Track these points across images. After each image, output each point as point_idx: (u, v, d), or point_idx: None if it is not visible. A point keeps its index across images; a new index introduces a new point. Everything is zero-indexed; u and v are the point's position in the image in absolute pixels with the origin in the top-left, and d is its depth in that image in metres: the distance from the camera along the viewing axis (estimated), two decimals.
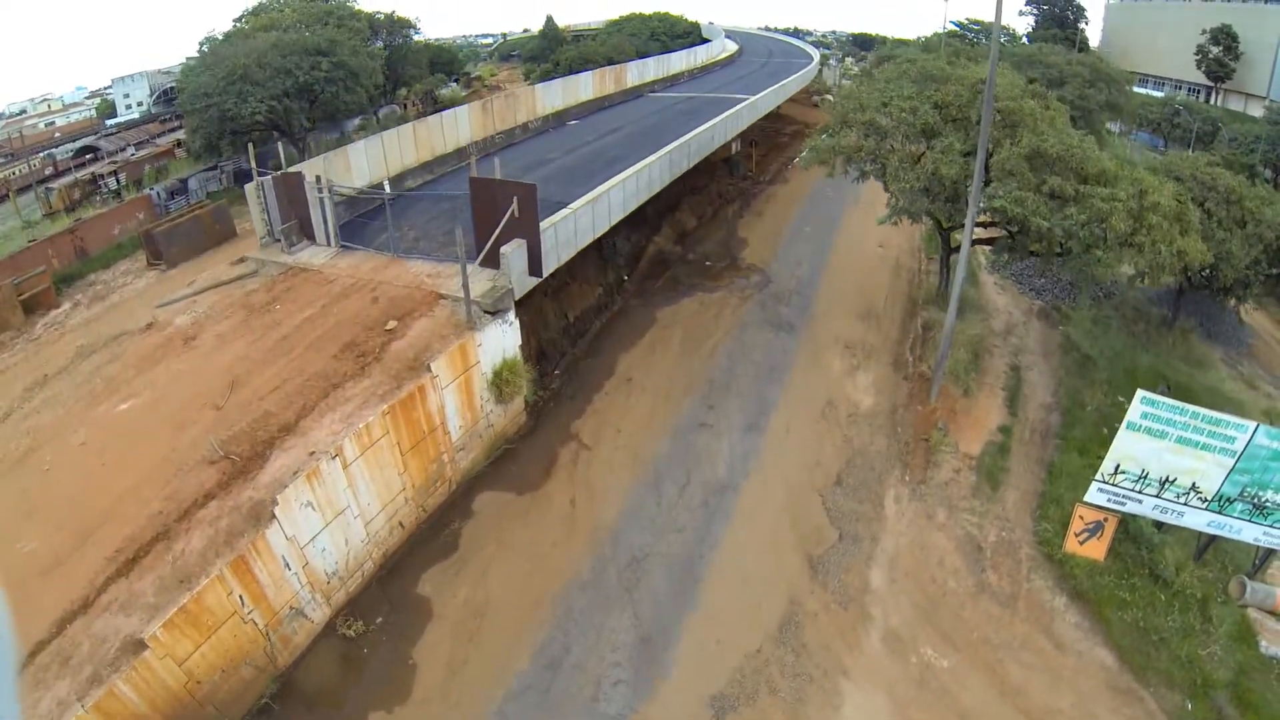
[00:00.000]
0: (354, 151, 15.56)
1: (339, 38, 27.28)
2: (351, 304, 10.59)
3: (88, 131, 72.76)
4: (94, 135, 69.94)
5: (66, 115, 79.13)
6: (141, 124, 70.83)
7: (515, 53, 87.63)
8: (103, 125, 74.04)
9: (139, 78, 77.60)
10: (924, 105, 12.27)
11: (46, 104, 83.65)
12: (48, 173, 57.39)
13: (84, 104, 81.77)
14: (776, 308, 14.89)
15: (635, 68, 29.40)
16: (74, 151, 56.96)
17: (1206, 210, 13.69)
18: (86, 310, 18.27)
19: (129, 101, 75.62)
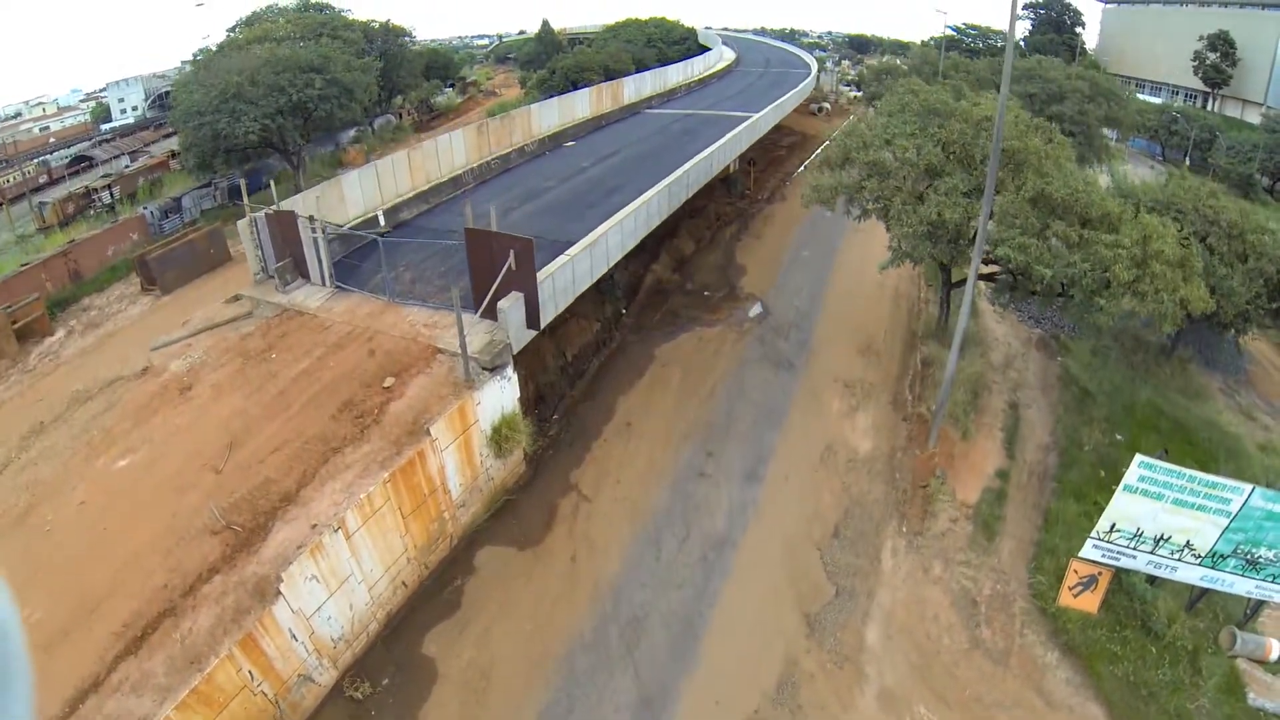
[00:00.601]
0: (348, 182, 15.49)
1: (332, 54, 27.07)
2: (348, 356, 10.59)
3: (82, 136, 72.42)
4: (89, 141, 69.58)
5: (61, 120, 78.61)
6: (136, 130, 70.49)
7: (511, 55, 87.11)
8: (97, 130, 73.61)
9: (134, 82, 77.11)
10: (928, 143, 12.19)
11: (41, 107, 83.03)
12: (42, 180, 57.01)
13: (79, 108, 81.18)
14: (775, 343, 14.93)
15: (632, 83, 29.27)
16: (69, 160, 56.59)
17: (1209, 246, 13.73)
18: (81, 339, 18.22)
19: (124, 106, 75.14)
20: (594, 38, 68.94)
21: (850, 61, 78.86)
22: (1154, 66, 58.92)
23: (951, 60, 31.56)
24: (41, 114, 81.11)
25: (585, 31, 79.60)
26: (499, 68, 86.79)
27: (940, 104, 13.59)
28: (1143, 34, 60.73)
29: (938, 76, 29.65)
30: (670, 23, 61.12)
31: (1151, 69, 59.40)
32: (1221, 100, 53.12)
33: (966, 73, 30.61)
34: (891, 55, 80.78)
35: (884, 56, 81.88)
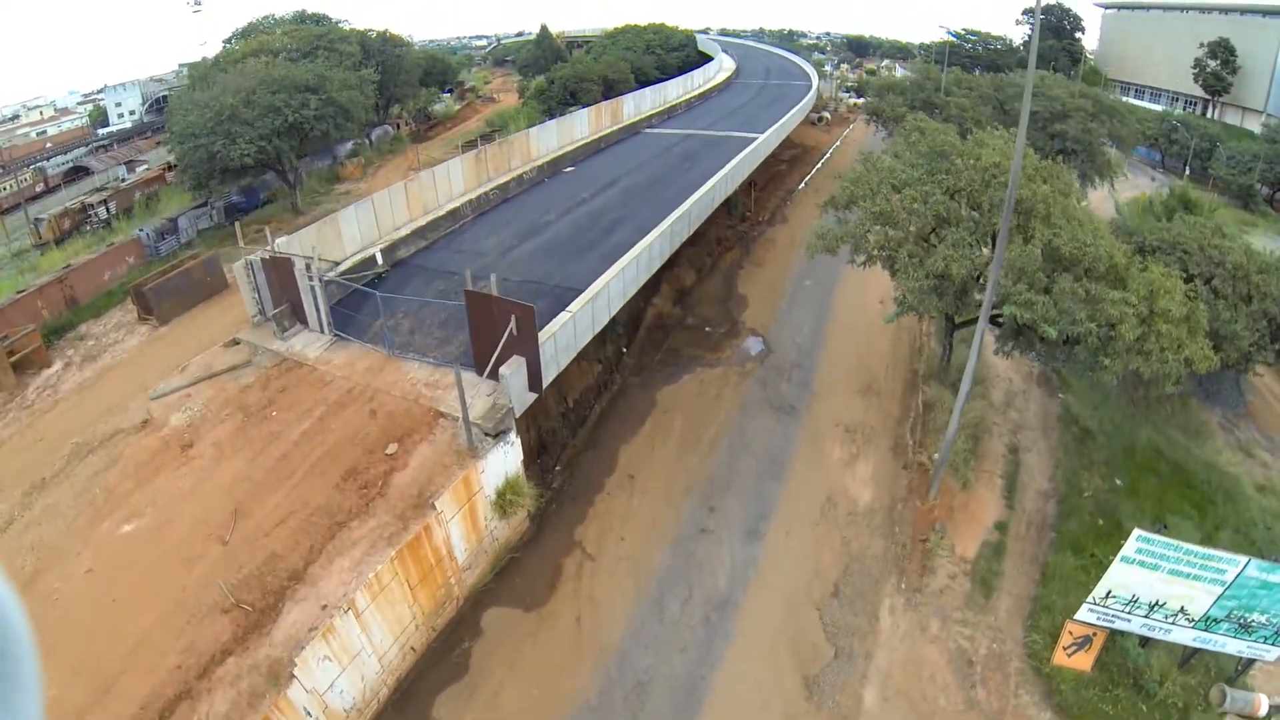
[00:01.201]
0: (344, 219, 15.43)
1: (328, 73, 26.87)
2: (350, 417, 10.65)
3: (79, 141, 71.92)
4: (85, 147, 69.01)
5: (58, 124, 78.11)
6: (133, 136, 70.00)
7: (509, 58, 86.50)
8: (94, 135, 73.11)
9: (131, 86, 76.66)
10: (936, 190, 12.07)
11: (39, 111, 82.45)
12: (39, 189, 56.65)
13: (76, 111, 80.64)
14: (777, 384, 15.01)
15: (631, 101, 29.16)
16: (65, 168, 56.23)
17: (1213, 289, 13.78)
18: (79, 372, 18.11)
19: (121, 110, 74.78)
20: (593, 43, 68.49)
21: (849, 65, 78.47)
22: (1153, 73, 58.70)
23: (953, 75, 31.38)
24: (39, 117, 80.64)
25: (584, 36, 79.05)
26: (497, 71, 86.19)
27: (947, 145, 13.45)
28: (1142, 39, 60.46)
29: (939, 92, 29.54)
30: (669, 29, 60.71)
31: (1151, 75, 59.18)
32: (1221, 107, 52.98)
33: (969, 89, 30.46)
34: (890, 60, 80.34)
35: (883, 61, 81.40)
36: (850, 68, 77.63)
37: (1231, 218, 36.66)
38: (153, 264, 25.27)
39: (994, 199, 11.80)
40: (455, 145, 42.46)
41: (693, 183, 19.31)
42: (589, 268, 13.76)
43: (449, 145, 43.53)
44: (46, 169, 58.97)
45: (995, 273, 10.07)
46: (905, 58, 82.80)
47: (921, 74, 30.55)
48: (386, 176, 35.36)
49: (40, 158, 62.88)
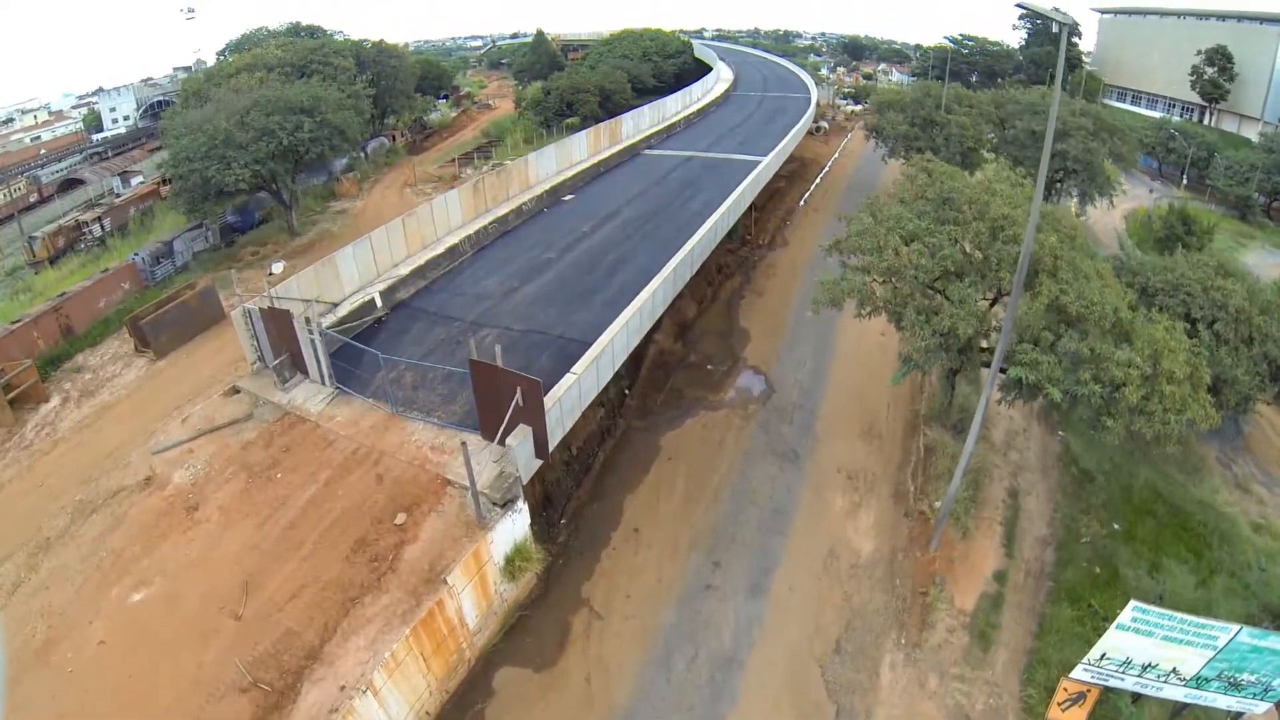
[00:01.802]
0: (342, 258, 15.34)
1: (323, 93, 26.61)
2: (356, 483, 10.73)
3: (74, 146, 71.24)
4: (79, 154, 68.36)
5: (52, 129, 77.32)
6: (128, 143, 69.43)
7: (504, 60, 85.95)
8: (89, 140, 72.44)
9: (125, 91, 76.03)
10: (944, 243, 12.01)
11: (34, 115, 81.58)
12: (33, 199, 56.14)
13: (71, 115, 79.84)
14: (780, 428, 15.16)
15: (630, 120, 29.08)
16: (59, 178, 55.73)
17: (1215, 333, 13.93)
18: (77, 409, 17.95)
19: (115, 115, 74.18)
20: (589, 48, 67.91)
21: (845, 68, 78.16)
22: (1150, 79, 58.69)
23: (954, 92, 31.31)
24: (33, 122, 79.79)
25: (580, 39, 78.48)
26: (492, 74, 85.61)
27: (955, 190, 13.39)
28: (1139, 45, 60.38)
29: (940, 110, 29.51)
30: (666, 35, 60.37)
31: (1148, 81, 59.18)
32: (1218, 114, 53.05)
33: (969, 106, 30.44)
34: (887, 64, 79.93)
35: (879, 65, 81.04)
36: (846, 71, 77.32)
37: (1229, 229, 36.94)
38: (149, 290, 25.14)
39: (1001, 253, 11.86)
40: (451, 158, 42.31)
41: (695, 214, 19.35)
42: (592, 316, 13.83)
43: (445, 157, 43.35)
44: (41, 178, 58.47)
45: (1005, 335, 10.18)
46: (902, 61, 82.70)
47: (922, 91, 30.51)
48: (382, 193, 35.23)
49: (34, 165, 62.30)
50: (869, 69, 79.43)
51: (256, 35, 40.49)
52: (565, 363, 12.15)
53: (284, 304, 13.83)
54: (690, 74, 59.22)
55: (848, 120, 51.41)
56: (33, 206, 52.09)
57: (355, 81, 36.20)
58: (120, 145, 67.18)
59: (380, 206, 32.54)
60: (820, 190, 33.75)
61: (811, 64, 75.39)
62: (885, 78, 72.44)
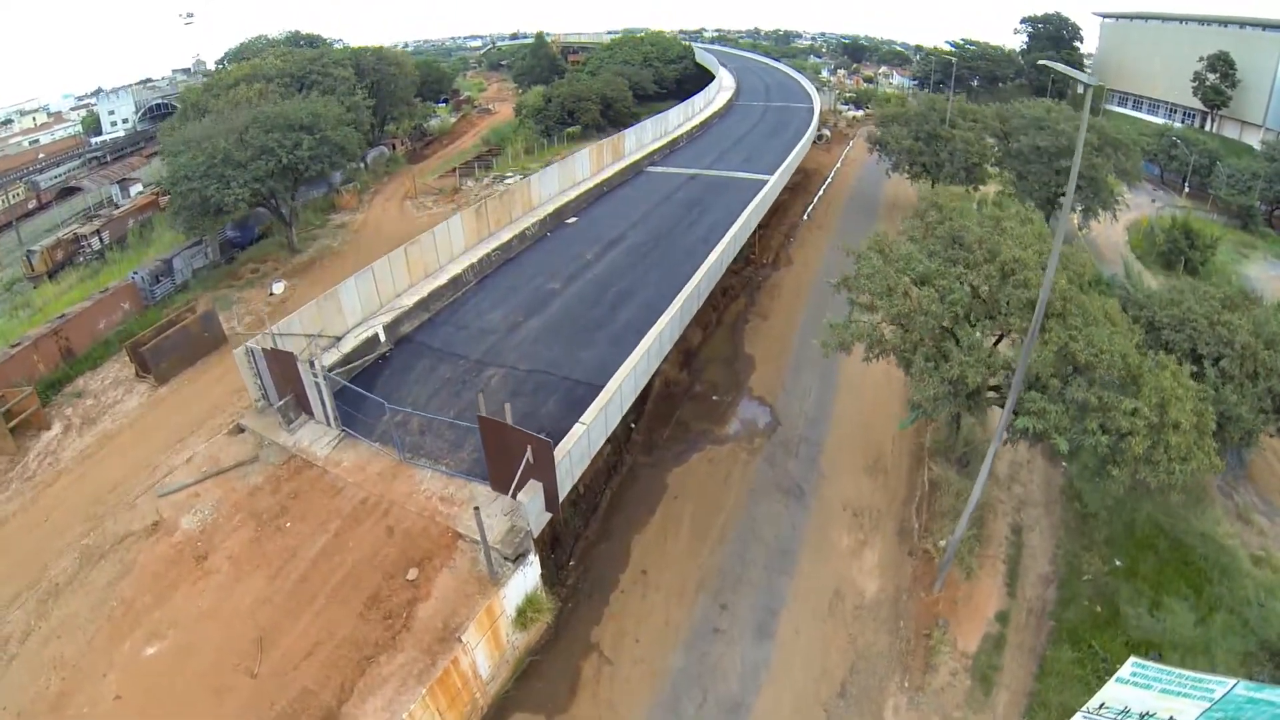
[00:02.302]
0: (345, 291, 15.30)
1: (322, 110, 26.37)
2: (366, 534, 10.79)
3: (72, 150, 70.83)
4: (78, 158, 67.90)
5: (51, 132, 76.83)
6: (126, 148, 69.01)
7: (504, 62, 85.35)
8: (87, 144, 71.99)
9: (124, 94, 75.61)
10: (954, 287, 11.97)
11: (32, 118, 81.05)
12: (31, 206, 55.77)
13: (69, 119, 79.33)
14: (785, 463, 15.24)
15: (633, 135, 28.97)
16: (57, 183, 55.40)
17: (1221, 369, 13.99)
18: (79, 437, 17.80)
19: (114, 118, 73.77)
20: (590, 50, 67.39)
21: (846, 71, 77.69)
22: (1152, 84, 58.51)
23: (959, 106, 31.18)
24: (32, 125, 79.24)
25: (580, 42, 77.93)
26: (492, 75, 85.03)
27: (965, 231, 13.20)
28: (1141, 50, 60.12)
29: (944, 124, 29.41)
30: (667, 40, 60.00)
31: (1150, 86, 59.00)
32: (1220, 121, 52.95)
33: (974, 120, 30.34)
34: (888, 67, 79.45)
35: (880, 68, 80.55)
36: (847, 74, 76.90)
37: (1231, 239, 36.94)
38: (149, 309, 24.98)
39: (1011, 296, 11.86)
40: (452, 167, 42.08)
41: (700, 240, 19.33)
42: (599, 355, 13.85)
43: (446, 166, 43.12)
44: (39, 183, 58.10)
45: (1017, 386, 10.23)
46: (903, 63, 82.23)
47: (926, 105, 30.40)
48: (383, 206, 35.07)
49: (32, 170, 61.86)
50: (870, 72, 79.05)
51: (255, 44, 40.15)
52: (572, 407, 12.19)
53: (287, 340, 13.85)
54: (691, 79, 58.97)
55: (849, 127, 51.22)
56: (31, 214, 51.74)
57: (355, 92, 36.00)
58: (119, 150, 66.74)
59: (380, 220, 32.45)
60: (823, 203, 33.70)
61: (812, 65, 75.02)
62: (886, 81, 72.13)
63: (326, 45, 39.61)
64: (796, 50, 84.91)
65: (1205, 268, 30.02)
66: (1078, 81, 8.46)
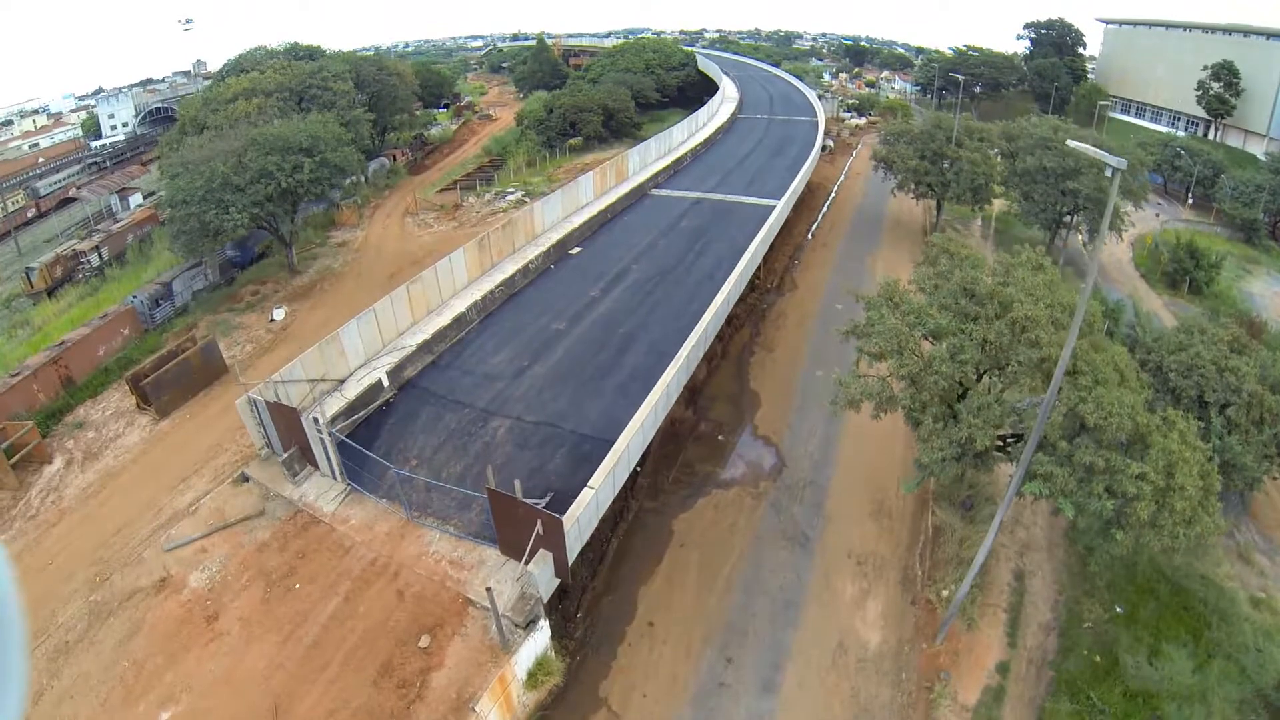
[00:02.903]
0: (346, 334, 15.24)
1: (322, 132, 26.08)
2: (377, 598, 10.87)
3: (72, 154, 70.55)
4: (78, 164, 67.64)
5: (51, 136, 76.48)
6: (126, 153, 68.71)
7: (505, 64, 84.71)
8: (87, 147, 71.68)
9: (124, 97, 75.26)
10: (966, 346, 11.89)
11: (32, 120, 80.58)
12: (30, 214, 55.55)
13: (69, 121, 78.93)
14: (790, 508, 15.32)
15: (637, 155, 28.85)
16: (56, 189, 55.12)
17: (1227, 418, 14.05)
18: (81, 473, 17.73)
19: (114, 122, 73.47)
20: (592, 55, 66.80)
21: (847, 75, 77.08)
22: (1155, 91, 58.24)
23: (965, 124, 30.98)
24: (33, 127, 78.80)
25: (581, 46, 77.34)
26: (493, 78, 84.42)
27: (977, 281, 13.10)
28: (1144, 56, 59.77)
29: (950, 143, 29.23)
30: (669, 47, 59.57)
31: (1153, 93, 58.72)
32: (1224, 129, 52.76)
33: (980, 139, 30.14)
34: (890, 71, 79.00)
35: (883, 72, 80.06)
36: (849, 78, 76.38)
37: (1235, 253, 36.88)
38: (149, 334, 24.88)
39: (1022, 357, 11.86)
40: (453, 179, 41.86)
41: (706, 276, 19.33)
42: (606, 407, 13.89)
43: (447, 178, 42.89)
44: (38, 190, 57.83)
45: (1028, 454, 10.28)
46: (904, 67, 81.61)
47: (932, 123, 30.23)
48: (384, 222, 34.89)
49: (32, 176, 61.53)
50: (872, 76, 78.56)
51: (255, 55, 39.80)
52: (579, 463, 12.25)
53: (289, 387, 13.87)
54: (693, 86, 58.62)
55: (853, 135, 50.98)
56: (30, 222, 51.48)
57: (354, 106, 35.77)
58: (119, 156, 66.40)
59: (382, 238, 32.31)
60: (828, 220, 33.61)
61: (813, 69, 74.48)
62: (888, 86, 71.64)
63: (326, 57, 39.22)
64: (798, 52, 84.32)
65: (1210, 288, 30.07)
66: (1106, 163, 8.42)
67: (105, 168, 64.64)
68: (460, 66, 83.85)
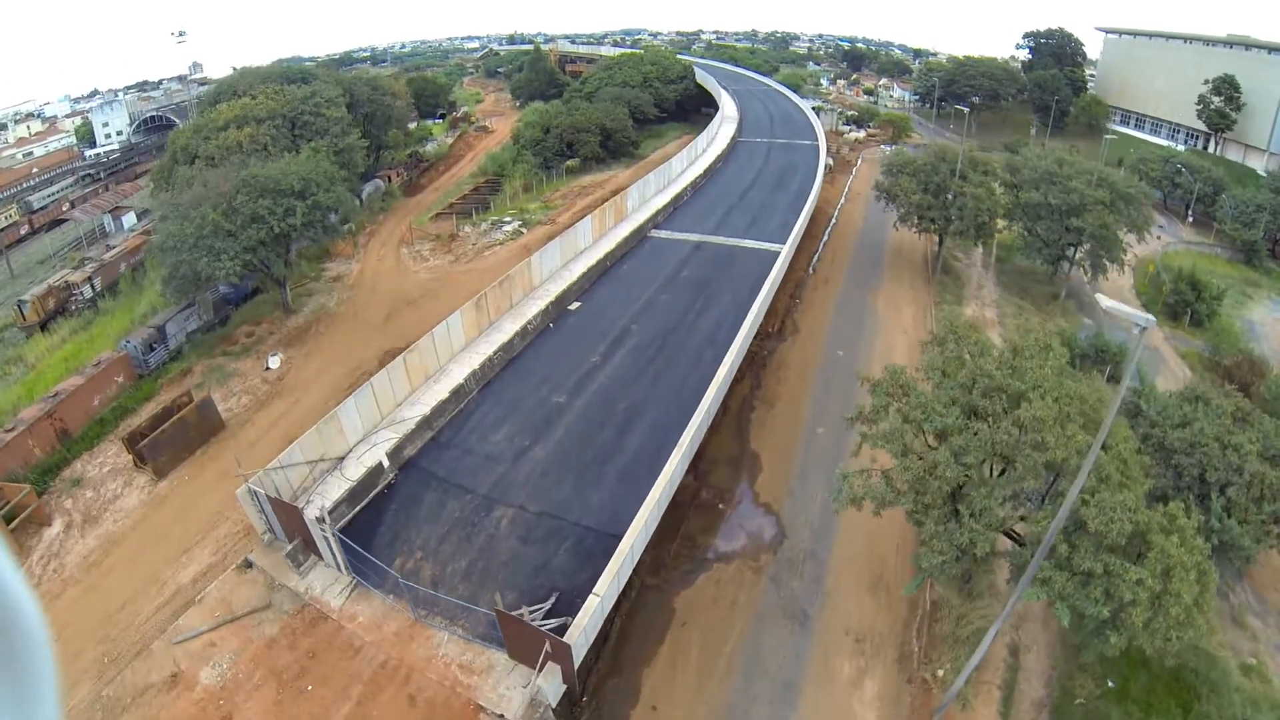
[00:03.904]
0: (345, 412, 15.18)
1: (314, 174, 25.49)
2: (389, 703, 10.96)
3: (66, 163, 69.66)
4: (71, 175, 66.82)
5: (45, 145, 75.53)
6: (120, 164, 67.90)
7: (501, 69, 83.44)
8: (81, 157, 70.87)
9: (119, 105, 74.35)
10: (973, 446, 11.90)
11: (27, 126, 79.43)
12: (24, 231, 54.89)
13: (63, 129, 77.84)
14: (790, 582, 15.47)
15: (636, 191, 28.62)
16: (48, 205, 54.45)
17: (1228, 498, 14.20)
18: (81, 538, 17.63)
19: (108, 130, 72.61)
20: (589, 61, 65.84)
21: (845, 81, 76.08)
22: (1155, 103, 57.91)
23: (969, 155, 30.73)
24: (27, 133, 77.67)
25: (579, 52, 76.20)
26: (489, 83, 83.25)
27: (985, 374, 12.96)
28: (1144, 67, 59.34)
29: (955, 176, 29.05)
30: (667, 58, 58.83)
31: (1152, 105, 58.39)
32: (1224, 143, 52.60)
33: (984, 172, 29.93)
34: (889, 79, 78.08)
35: (880, 80, 79.07)
36: (847, 84, 75.51)
37: (1235, 276, 36.93)
38: (143, 380, 24.51)
39: (1027, 461, 11.88)
40: (449, 202, 41.46)
41: (708, 339, 19.30)
42: (609, 497, 13.96)
43: (443, 200, 42.50)
44: (31, 204, 57.09)
45: (1035, 563, 10.36)
46: (903, 74, 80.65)
47: (936, 155, 30.00)
48: (379, 253, 34.53)
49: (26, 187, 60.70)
50: (870, 83, 77.70)
51: (246, 77, 39.12)
52: (583, 560, 12.33)
53: (290, 471, 13.89)
54: (692, 99, 57.98)
55: (852, 150, 50.61)
56: (23, 239, 50.76)
57: (348, 133, 35.30)
58: (113, 167, 65.43)
59: (377, 272, 31.99)
60: (829, 250, 33.46)
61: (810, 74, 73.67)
62: (887, 94, 70.90)
63: (319, 80, 38.57)
64: (795, 56, 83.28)
65: (1211, 320, 30.08)
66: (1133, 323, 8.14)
67: (99, 179, 63.80)
68: (456, 70, 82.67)
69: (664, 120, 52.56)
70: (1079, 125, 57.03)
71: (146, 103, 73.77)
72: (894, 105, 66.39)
